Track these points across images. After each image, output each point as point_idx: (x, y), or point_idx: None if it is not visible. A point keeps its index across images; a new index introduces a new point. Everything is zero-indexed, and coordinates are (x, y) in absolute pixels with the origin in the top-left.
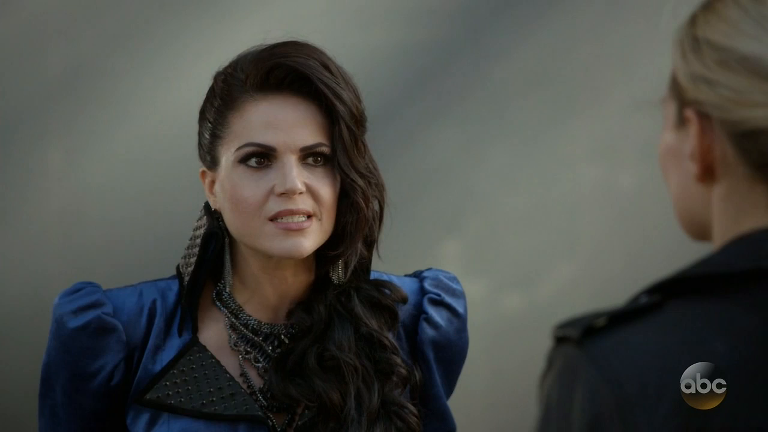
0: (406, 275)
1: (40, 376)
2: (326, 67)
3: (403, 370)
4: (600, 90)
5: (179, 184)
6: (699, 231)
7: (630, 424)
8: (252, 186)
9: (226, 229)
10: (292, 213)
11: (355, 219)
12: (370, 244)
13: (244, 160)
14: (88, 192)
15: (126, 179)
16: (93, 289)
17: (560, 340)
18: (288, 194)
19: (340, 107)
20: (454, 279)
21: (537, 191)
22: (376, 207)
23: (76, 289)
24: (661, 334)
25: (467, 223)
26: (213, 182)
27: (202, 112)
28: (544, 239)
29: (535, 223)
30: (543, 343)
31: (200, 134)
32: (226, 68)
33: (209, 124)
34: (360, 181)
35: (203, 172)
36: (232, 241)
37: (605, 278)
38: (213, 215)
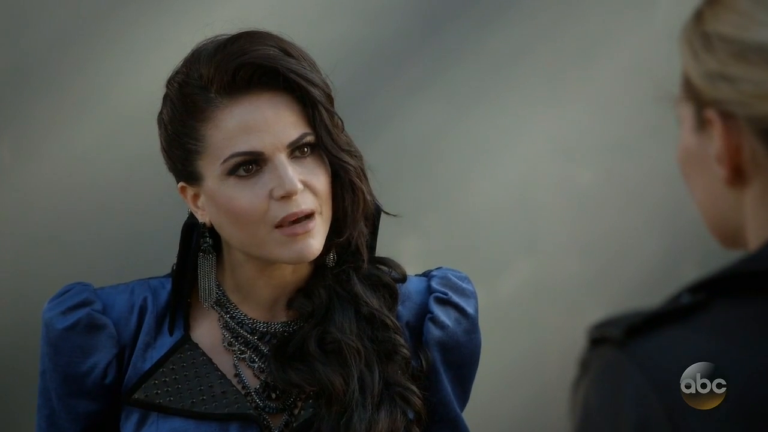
0: (415, 275)
1: (38, 387)
2: (288, 53)
3: (405, 350)
4: (559, 87)
5: (132, 179)
6: (731, 238)
7: (683, 431)
8: (249, 195)
9: (211, 239)
10: (296, 215)
11: (353, 199)
12: (370, 220)
13: (232, 171)
14: (36, 187)
15: (76, 174)
16: (81, 288)
17: (596, 341)
18: (288, 196)
19: (314, 92)
20: (465, 278)
21: (497, 188)
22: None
23: (64, 291)
24: (711, 335)
25: (426, 220)
26: (196, 196)
27: (163, 123)
28: (504, 236)
29: (495, 220)
30: (503, 340)
31: (169, 149)
32: (177, 73)
33: (177, 138)
34: (350, 160)
35: (183, 187)
36: (225, 247)
37: (565, 275)
38: (198, 231)
